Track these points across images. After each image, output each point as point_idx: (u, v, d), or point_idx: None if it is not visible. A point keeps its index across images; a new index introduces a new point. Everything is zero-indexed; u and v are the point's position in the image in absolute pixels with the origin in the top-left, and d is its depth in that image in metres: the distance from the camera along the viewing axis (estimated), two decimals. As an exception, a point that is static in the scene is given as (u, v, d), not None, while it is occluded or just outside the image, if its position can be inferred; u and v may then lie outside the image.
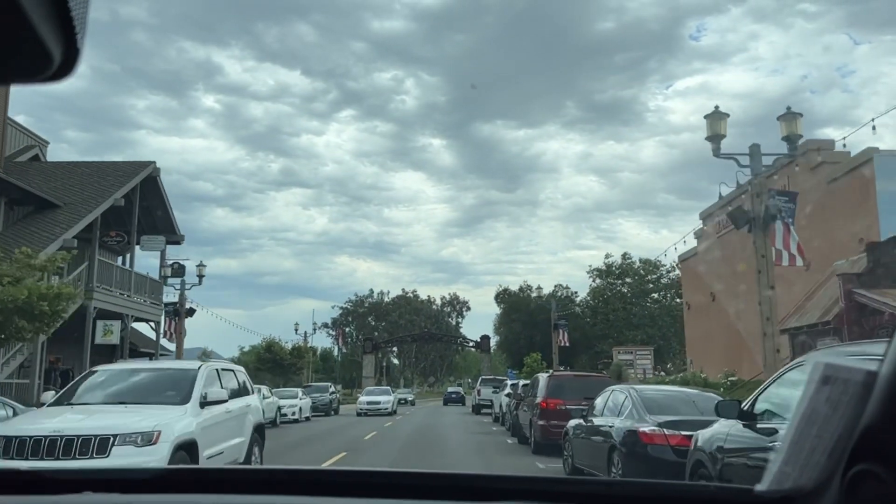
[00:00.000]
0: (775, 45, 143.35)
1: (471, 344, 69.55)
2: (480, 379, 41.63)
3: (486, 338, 69.37)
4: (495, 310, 66.80)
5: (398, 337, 75.25)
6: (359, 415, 34.47)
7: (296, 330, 49.66)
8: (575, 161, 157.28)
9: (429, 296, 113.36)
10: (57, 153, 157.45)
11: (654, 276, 63.60)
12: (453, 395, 58.46)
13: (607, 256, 63.98)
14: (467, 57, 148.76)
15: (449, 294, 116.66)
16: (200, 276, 27.69)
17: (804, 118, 13.39)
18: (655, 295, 64.26)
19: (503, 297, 66.18)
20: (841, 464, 0.97)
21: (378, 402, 35.17)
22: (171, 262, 30.16)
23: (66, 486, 1.51)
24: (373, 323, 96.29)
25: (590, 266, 65.15)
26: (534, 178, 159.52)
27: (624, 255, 64.07)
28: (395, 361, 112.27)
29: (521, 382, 24.98)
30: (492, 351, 70.15)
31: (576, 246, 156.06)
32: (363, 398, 36.83)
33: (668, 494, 1.50)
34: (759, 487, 1.15)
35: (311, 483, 1.59)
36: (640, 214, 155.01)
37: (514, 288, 66.90)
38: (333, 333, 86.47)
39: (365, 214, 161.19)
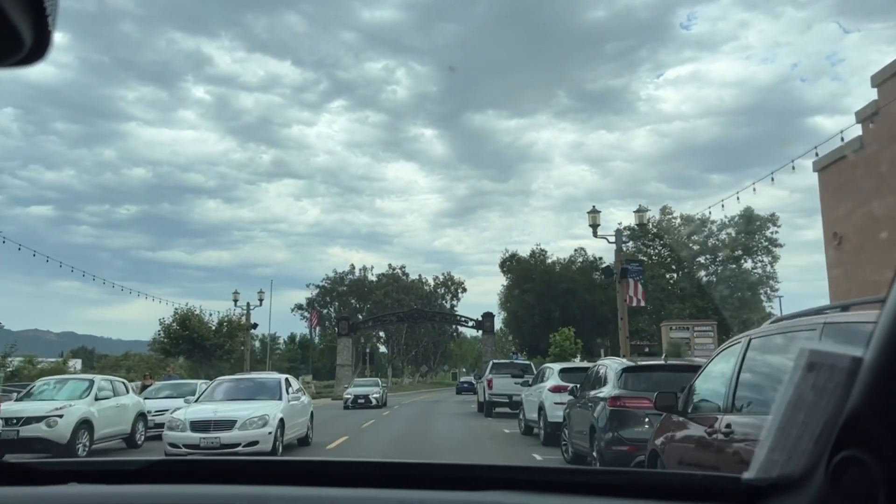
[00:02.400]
0: (765, 34, 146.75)
1: (470, 323, 56.45)
2: (491, 364, 28.51)
3: (489, 315, 56.18)
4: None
5: (381, 316, 61.97)
6: (168, 454, 11.68)
7: (235, 301, 36.62)
8: (567, 150, 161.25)
9: (420, 275, 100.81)
10: (45, 145, 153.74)
11: (702, 236, 50.45)
12: (465, 385, 56.01)
13: (640, 209, 50.61)
14: (458, 46, 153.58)
15: (443, 274, 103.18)
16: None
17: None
18: (702, 259, 51.17)
19: (511, 264, 52.94)
20: (826, 450, 0.98)
21: (229, 425, 12.56)
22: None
23: (52, 478, 1.51)
24: (355, 304, 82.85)
25: (619, 224, 51.90)
26: (526, 168, 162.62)
27: (664, 210, 50.83)
28: (383, 350, 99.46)
29: (612, 365, 11.35)
30: (495, 332, 56.94)
31: (568, 235, 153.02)
32: (182, 413, 13.31)
33: (656, 483, 1.50)
34: (747, 475, 1.15)
35: (300, 473, 1.59)
36: (632, 203, 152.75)
37: (524, 254, 53.84)
38: (308, 315, 73.15)
39: (357, 205, 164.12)
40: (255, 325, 36.81)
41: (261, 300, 37.22)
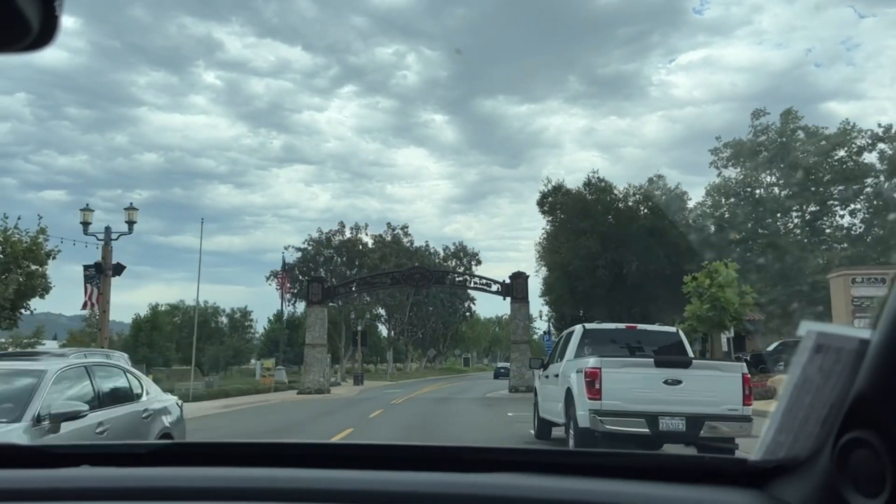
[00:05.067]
0: (779, 18, 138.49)
1: (493, 288, 40.05)
2: (580, 333, 11.83)
3: (519, 277, 39.70)
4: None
5: (367, 277, 45.53)
6: None
7: (86, 225, 20.14)
8: (577, 136, 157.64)
9: (427, 241, 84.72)
10: (58, 130, 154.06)
11: (849, 152, 33.46)
12: (502, 371, 53.97)
13: (758, 115, 33.75)
14: (469, 31, 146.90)
15: (454, 244, 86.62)
16: None
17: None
18: (841, 189, 34.24)
19: (554, 200, 36.19)
20: (833, 432, 0.98)
21: None
22: None
23: (63, 461, 1.52)
24: (346, 271, 66.27)
25: (718, 139, 35.13)
26: (536, 154, 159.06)
27: (788, 114, 33.75)
28: (384, 331, 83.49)
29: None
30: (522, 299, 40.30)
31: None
32: None
33: (662, 465, 1.52)
34: (753, 457, 1.15)
35: (311, 456, 1.61)
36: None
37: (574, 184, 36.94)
38: (280, 283, 56.66)
39: (367, 191, 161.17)
40: (120, 268, 20.49)
41: (131, 223, 20.83)
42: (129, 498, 1.39)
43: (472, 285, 42.01)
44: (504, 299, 40.21)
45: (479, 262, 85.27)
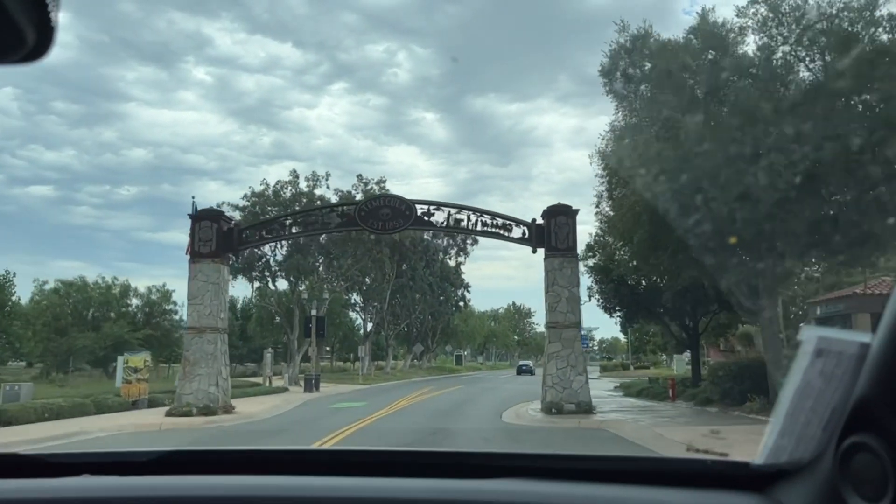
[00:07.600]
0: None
1: (517, 233, 23.53)
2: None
3: (561, 213, 23.21)
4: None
5: (300, 214, 28.84)
6: None
7: None
8: (568, 135, 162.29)
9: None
10: (46, 125, 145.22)
11: None
12: (524, 368, 54.65)
13: None
14: (460, 29, 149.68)
15: (446, 219, 69.72)
16: None
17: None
18: None
19: (636, 61, 19.52)
20: (835, 436, 0.99)
21: None
22: None
23: (64, 469, 1.50)
24: (301, 240, 48.97)
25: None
26: (527, 153, 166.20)
27: None
28: (359, 319, 67.04)
29: None
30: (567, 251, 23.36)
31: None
32: None
33: (665, 469, 1.50)
34: (756, 461, 1.15)
35: (313, 463, 1.59)
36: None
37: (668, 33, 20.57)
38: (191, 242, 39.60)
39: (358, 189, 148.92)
40: None
41: None
42: None
43: (479, 228, 25.25)
44: (534, 252, 23.60)
45: (475, 242, 68.90)
